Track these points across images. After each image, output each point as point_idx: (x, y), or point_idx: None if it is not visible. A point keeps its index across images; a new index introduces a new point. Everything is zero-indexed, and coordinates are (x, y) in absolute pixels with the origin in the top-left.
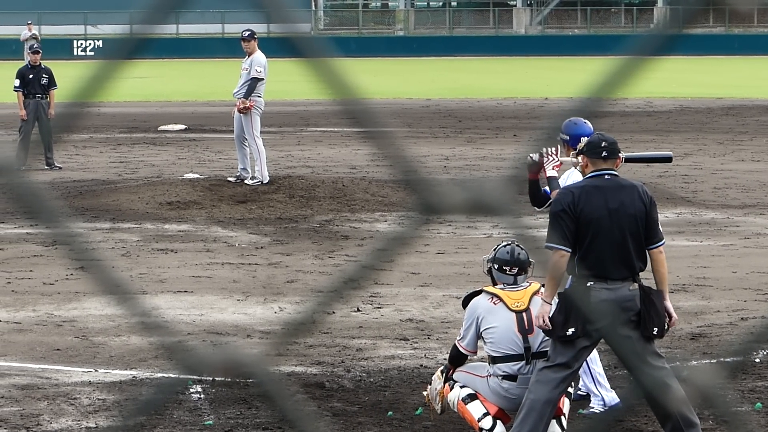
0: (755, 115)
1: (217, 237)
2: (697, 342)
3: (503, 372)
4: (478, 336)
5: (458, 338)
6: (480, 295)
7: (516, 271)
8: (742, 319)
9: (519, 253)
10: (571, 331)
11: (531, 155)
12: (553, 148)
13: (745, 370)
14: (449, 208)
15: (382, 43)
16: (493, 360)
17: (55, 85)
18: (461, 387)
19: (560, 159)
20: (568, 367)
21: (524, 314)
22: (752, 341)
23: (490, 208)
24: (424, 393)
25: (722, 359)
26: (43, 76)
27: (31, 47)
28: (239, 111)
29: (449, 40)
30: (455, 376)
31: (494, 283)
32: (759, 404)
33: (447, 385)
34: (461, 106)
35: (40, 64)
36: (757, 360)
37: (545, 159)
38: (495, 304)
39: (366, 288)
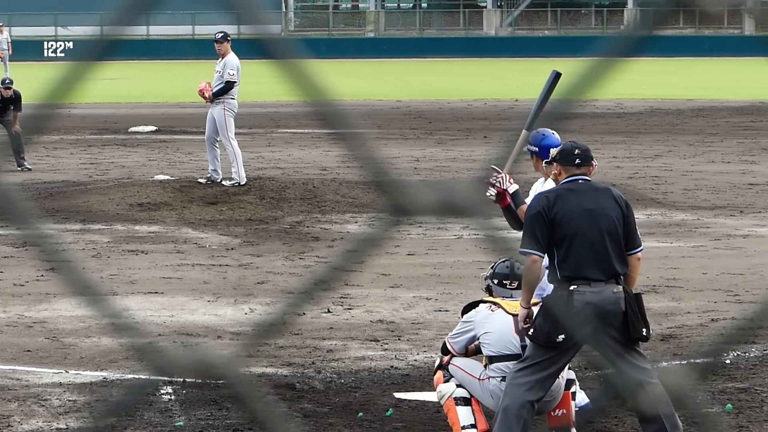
0: (725, 116)
1: (187, 238)
2: (667, 343)
3: (500, 372)
4: (473, 342)
5: (449, 336)
6: (480, 305)
7: (515, 285)
8: (712, 320)
9: (518, 268)
10: (561, 337)
11: (488, 194)
12: (496, 173)
13: (715, 371)
14: (420, 210)
15: (353, 44)
16: (491, 360)
17: (20, 109)
18: (457, 385)
19: (506, 173)
20: (544, 369)
21: None
22: (722, 342)
23: (460, 209)
24: (395, 394)
25: (693, 360)
26: (10, 105)
27: (3, 82)
28: (201, 94)
29: (419, 41)
30: (452, 369)
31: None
32: (729, 405)
33: (441, 373)
34: (431, 108)
35: (11, 95)
36: (728, 361)
37: (498, 183)
38: (493, 311)
39: (336, 289)
